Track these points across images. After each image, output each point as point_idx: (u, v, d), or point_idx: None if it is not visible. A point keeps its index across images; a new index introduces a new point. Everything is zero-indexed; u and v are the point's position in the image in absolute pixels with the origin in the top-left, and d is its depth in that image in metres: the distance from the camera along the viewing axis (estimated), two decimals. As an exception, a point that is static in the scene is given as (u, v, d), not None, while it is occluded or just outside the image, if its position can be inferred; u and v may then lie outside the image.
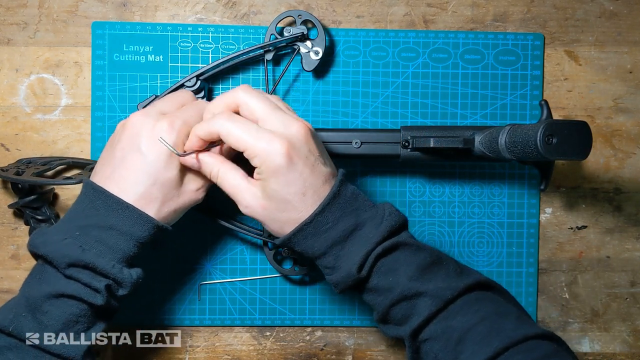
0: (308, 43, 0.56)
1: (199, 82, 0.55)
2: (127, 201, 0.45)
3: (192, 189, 0.48)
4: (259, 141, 0.43)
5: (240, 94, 0.46)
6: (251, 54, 0.56)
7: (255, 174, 0.45)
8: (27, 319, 0.43)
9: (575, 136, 0.45)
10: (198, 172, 0.48)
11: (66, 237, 0.44)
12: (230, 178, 0.46)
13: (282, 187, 0.43)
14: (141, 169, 0.45)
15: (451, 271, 0.45)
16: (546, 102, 0.52)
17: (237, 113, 0.46)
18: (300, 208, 0.44)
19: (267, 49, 0.56)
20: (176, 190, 0.47)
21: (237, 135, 0.43)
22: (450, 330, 0.42)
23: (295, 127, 0.44)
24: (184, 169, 0.47)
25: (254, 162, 0.44)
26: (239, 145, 0.43)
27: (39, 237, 0.45)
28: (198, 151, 0.46)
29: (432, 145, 0.51)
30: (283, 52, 0.58)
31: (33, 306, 0.43)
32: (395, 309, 0.44)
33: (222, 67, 0.56)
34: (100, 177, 0.46)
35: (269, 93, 0.56)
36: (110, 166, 0.46)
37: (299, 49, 0.56)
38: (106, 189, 0.45)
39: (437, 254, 0.46)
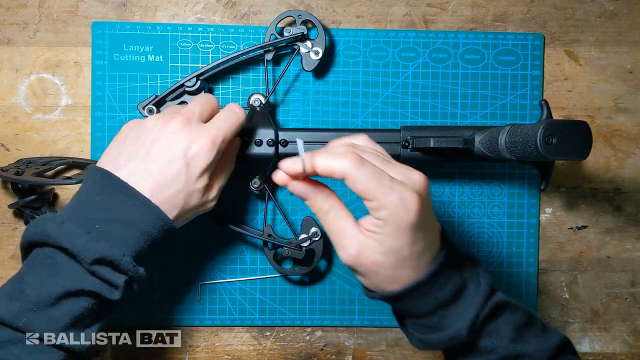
0: (308, 43, 0.56)
1: (199, 82, 0.55)
2: (153, 201, 0.44)
3: (209, 199, 0.49)
4: (390, 194, 0.39)
5: (360, 141, 0.44)
6: (251, 54, 0.56)
7: (370, 226, 0.40)
8: (37, 315, 0.41)
9: (575, 136, 0.45)
10: (216, 183, 0.49)
11: (90, 231, 0.42)
12: (340, 221, 0.41)
13: (405, 244, 0.40)
14: (176, 174, 0.45)
15: (539, 329, 0.44)
16: (546, 102, 0.52)
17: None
18: (418, 266, 0.41)
19: (267, 49, 0.56)
20: (197, 201, 0.48)
21: (366, 184, 0.39)
22: None
23: (417, 177, 0.41)
24: (210, 181, 0.48)
25: (377, 214, 0.39)
26: (365, 194, 0.39)
27: (51, 226, 0.42)
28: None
29: (432, 145, 0.51)
30: (283, 52, 0.58)
31: (45, 301, 0.41)
32: None
33: (222, 67, 0.56)
34: (125, 171, 0.45)
35: (268, 93, 0.56)
36: (140, 162, 0.45)
37: (299, 49, 0.56)
38: (128, 182, 0.44)
39: (526, 311, 0.45)
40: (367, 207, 0.40)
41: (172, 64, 0.58)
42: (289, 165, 0.41)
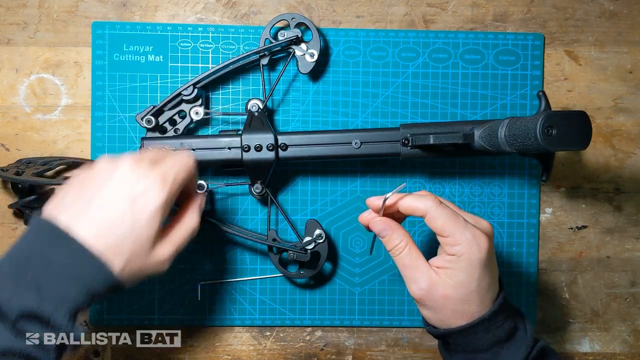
0: (303, 46, 0.56)
1: (196, 90, 0.55)
2: (95, 249, 0.40)
3: (161, 257, 0.43)
4: (465, 231, 0.43)
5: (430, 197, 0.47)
6: (246, 59, 0.56)
7: (442, 262, 0.44)
8: None
9: (574, 126, 0.45)
10: (171, 241, 0.44)
11: (18, 281, 0.38)
12: (414, 258, 0.46)
13: (474, 280, 0.44)
14: (120, 216, 0.41)
15: None
16: (544, 93, 0.52)
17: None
18: (483, 302, 0.44)
19: (262, 53, 0.56)
20: (146, 253, 0.42)
21: (445, 221, 0.44)
22: None
23: (485, 223, 0.46)
24: (161, 233, 0.44)
25: (452, 250, 0.44)
26: (443, 231, 0.44)
27: None
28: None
29: (432, 142, 0.51)
30: (279, 55, 0.58)
31: None
32: None
33: (218, 74, 0.56)
34: (67, 216, 0.40)
35: (265, 98, 0.56)
36: (83, 206, 0.41)
37: (294, 52, 0.56)
38: (71, 228, 0.40)
39: (560, 357, 0.48)
40: (442, 243, 0.45)
41: (172, 64, 0.58)
42: (373, 200, 0.47)
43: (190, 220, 0.47)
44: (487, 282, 0.44)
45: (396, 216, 0.48)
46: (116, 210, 0.41)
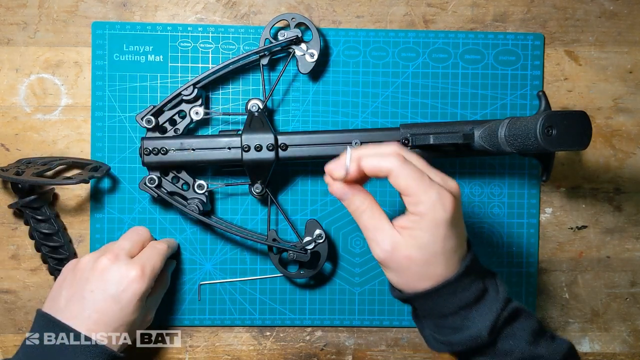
0: (303, 46, 0.56)
1: (195, 90, 0.55)
2: (95, 341, 0.48)
3: (147, 319, 0.54)
4: (430, 191, 0.42)
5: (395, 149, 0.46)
6: (246, 59, 0.56)
7: (405, 222, 0.43)
8: None
9: (574, 126, 0.45)
10: (152, 304, 0.54)
11: None
12: (376, 219, 0.44)
13: (439, 240, 0.42)
14: (112, 314, 0.49)
15: (549, 336, 0.46)
16: (544, 93, 0.52)
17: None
18: (449, 264, 0.43)
19: (262, 53, 0.56)
20: (137, 326, 0.52)
21: (408, 180, 0.42)
22: None
23: (452, 183, 0.44)
24: (146, 307, 0.52)
25: (415, 209, 0.42)
26: (406, 190, 0.42)
27: None
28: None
29: (432, 142, 0.51)
30: (279, 55, 0.58)
31: None
32: None
33: (218, 74, 0.56)
34: (66, 315, 0.48)
35: (265, 98, 0.56)
36: (76, 304, 0.49)
37: (294, 52, 0.56)
38: (74, 327, 0.48)
39: (538, 319, 0.47)
40: (405, 203, 0.43)
41: (172, 64, 0.58)
42: (332, 170, 0.45)
43: (164, 283, 0.57)
44: (453, 243, 0.43)
45: (361, 178, 0.46)
46: (105, 306, 0.49)
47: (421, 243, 0.42)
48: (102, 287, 0.49)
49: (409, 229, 0.43)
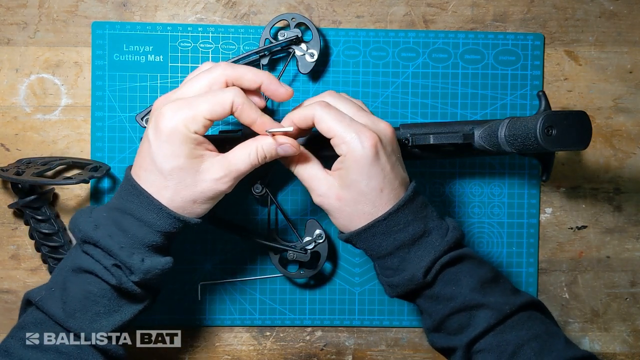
0: (303, 46, 0.56)
1: None
2: (144, 188, 0.44)
3: (212, 178, 0.44)
4: (349, 130, 0.44)
5: (327, 98, 0.47)
6: (246, 60, 0.56)
7: (336, 164, 0.46)
8: (53, 294, 0.44)
9: (574, 126, 0.45)
10: (219, 160, 0.44)
11: (91, 216, 0.45)
12: (309, 168, 0.47)
13: (362, 178, 0.44)
14: (148, 157, 0.44)
15: (507, 289, 0.47)
16: (544, 93, 0.52)
17: None
18: (376, 203, 0.45)
19: (262, 53, 0.56)
20: (190, 178, 0.44)
21: (330, 122, 0.44)
22: (505, 344, 0.44)
23: (382, 125, 0.46)
24: (200, 158, 0.44)
25: (339, 150, 0.45)
26: (329, 131, 0.44)
27: (78, 213, 0.47)
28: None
29: (432, 142, 0.51)
30: (279, 55, 0.58)
31: (62, 280, 0.45)
32: (453, 318, 0.45)
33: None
34: (144, 183, 0.45)
35: (265, 99, 0.56)
36: (149, 174, 0.45)
37: (294, 52, 0.56)
38: (133, 175, 0.46)
39: (496, 271, 0.47)
40: (332, 145, 0.45)
41: (172, 64, 0.58)
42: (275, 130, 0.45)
43: (238, 150, 0.46)
44: (378, 181, 0.44)
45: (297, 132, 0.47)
46: (143, 151, 0.45)
47: (347, 182, 0.45)
48: (147, 130, 0.45)
49: (338, 170, 0.45)
